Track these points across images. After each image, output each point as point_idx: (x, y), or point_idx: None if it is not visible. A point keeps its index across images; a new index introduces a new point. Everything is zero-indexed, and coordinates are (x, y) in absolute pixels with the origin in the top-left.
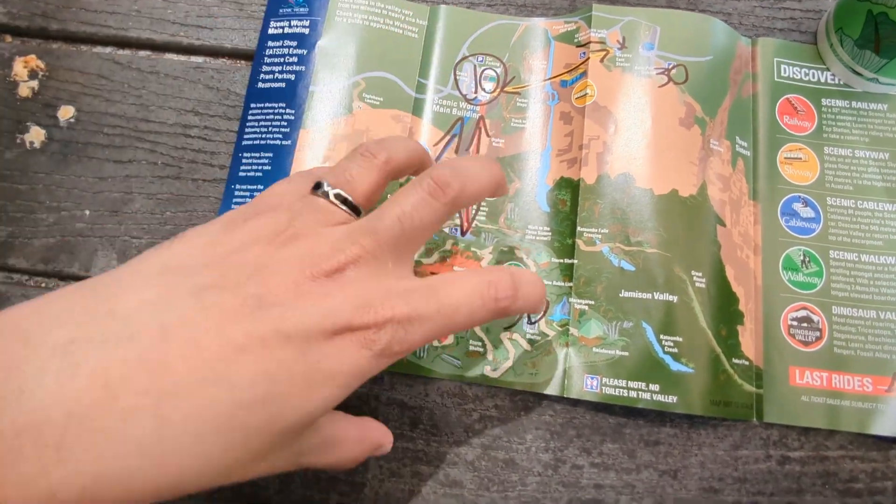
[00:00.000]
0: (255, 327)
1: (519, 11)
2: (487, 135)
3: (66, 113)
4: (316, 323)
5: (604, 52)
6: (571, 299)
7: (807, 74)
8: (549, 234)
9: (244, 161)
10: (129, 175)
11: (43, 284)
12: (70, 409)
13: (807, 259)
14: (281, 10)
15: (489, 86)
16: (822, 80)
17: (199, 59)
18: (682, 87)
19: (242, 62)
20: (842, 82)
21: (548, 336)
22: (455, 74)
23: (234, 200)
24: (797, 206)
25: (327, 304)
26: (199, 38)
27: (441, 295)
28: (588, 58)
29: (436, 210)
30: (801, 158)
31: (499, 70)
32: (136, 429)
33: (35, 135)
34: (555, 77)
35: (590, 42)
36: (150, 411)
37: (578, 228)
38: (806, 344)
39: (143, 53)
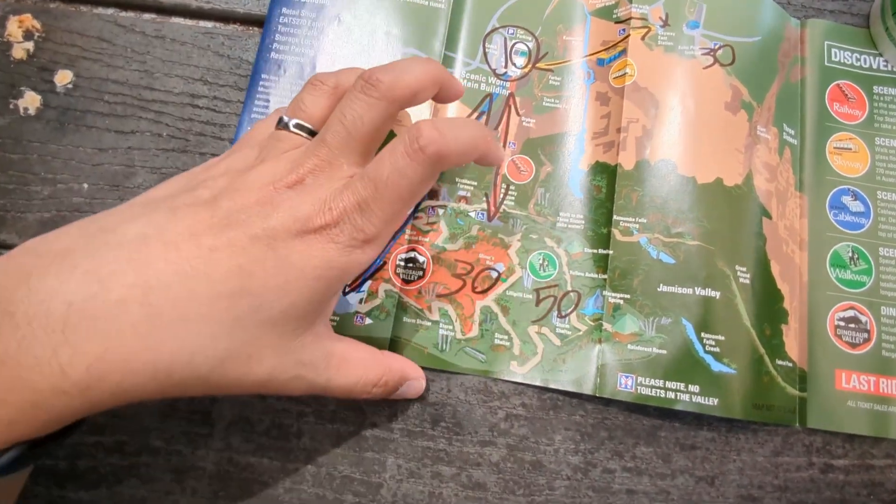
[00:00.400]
0: (225, 232)
1: None
2: (518, 113)
3: (63, 78)
4: (280, 223)
5: (645, 30)
6: (606, 292)
7: (858, 59)
8: (583, 222)
9: None
10: (131, 147)
11: None
12: (70, 300)
13: (855, 256)
14: None
15: (520, 61)
16: (875, 66)
17: (208, 24)
18: (729, 68)
19: (255, 28)
20: (895, 69)
21: (579, 331)
22: (484, 46)
23: None
24: (846, 200)
25: (288, 207)
26: (210, 2)
27: (372, 171)
28: (628, 35)
29: (371, 105)
30: (851, 149)
31: (531, 44)
32: (128, 315)
33: (30, 100)
34: (591, 55)
35: (630, 18)
36: (139, 300)
37: (615, 217)
38: (853, 346)
39: (147, 16)
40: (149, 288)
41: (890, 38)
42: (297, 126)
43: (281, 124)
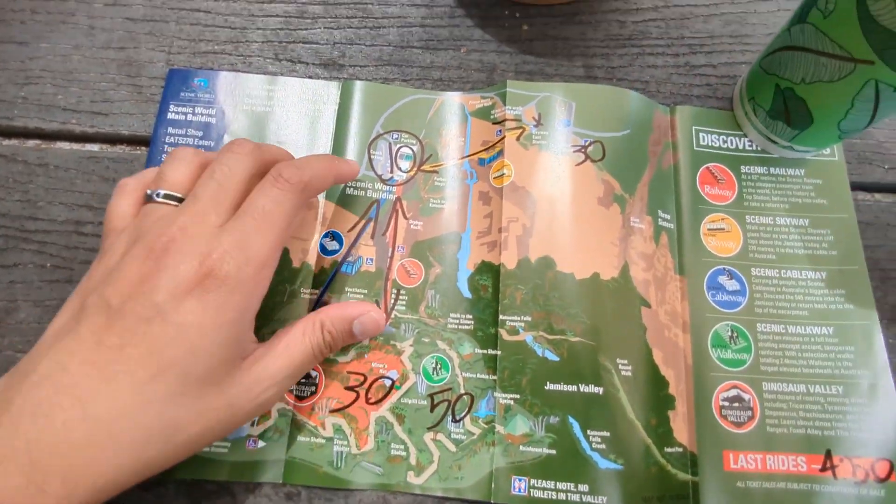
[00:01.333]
0: (122, 326)
1: (436, 86)
2: (405, 217)
3: None
4: (163, 296)
5: (520, 130)
6: (496, 394)
7: (725, 141)
8: (472, 322)
9: None
10: (13, 281)
11: None
12: (27, 437)
13: (735, 334)
14: (182, 94)
15: (405, 164)
16: (741, 146)
17: (93, 148)
18: (600, 164)
19: (143, 148)
20: (759, 148)
21: (473, 435)
22: (369, 153)
23: None
24: (722, 280)
25: (168, 275)
26: (94, 125)
27: (248, 207)
28: (504, 136)
29: (239, 159)
30: (724, 229)
31: (415, 147)
32: (76, 434)
33: None
34: (472, 155)
35: (505, 120)
36: (81, 418)
37: (501, 317)
38: (738, 425)
39: (31, 143)
40: (84, 404)
41: (749, 120)
42: (166, 196)
43: (148, 198)
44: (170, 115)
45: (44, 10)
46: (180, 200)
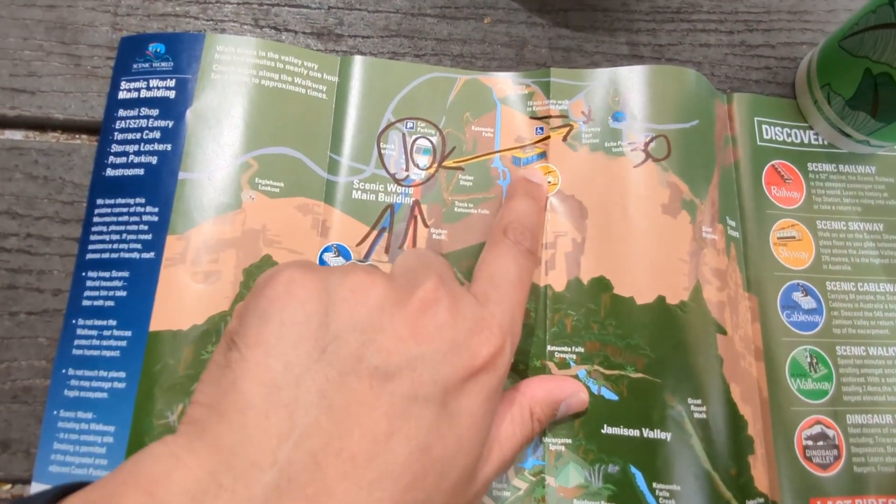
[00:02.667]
0: (392, 405)
1: (455, 63)
2: (425, 224)
3: None
4: (449, 375)
5: (567, 128)
6: (546, 439)
7: (789, 135)
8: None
9: (89, 284)
10: None
11: None
12: None
13: (814, 360)
14: (135, 66)
15: (424, 160)
16: (806, 140)
17: (15, 136)
18: (664, 163)
19: (83, 138)
20: (825, 142)
21: (519, 490)
22: (379, 147)
23: (76, 344)
24: (797, 297)
25: (447, 342)
26: (15, 107)
27: (509, 285)
28: (548, 136)
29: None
30: (795, 237)
31: (435, 139)
32: None
33: None
34: (505, 151)
35: (549, 116)
36: None
37: (549, 347)
38: (824, 468)
39: None
40: None
41: (820, 111)
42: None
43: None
44: (120, 95)
45: None
46: None
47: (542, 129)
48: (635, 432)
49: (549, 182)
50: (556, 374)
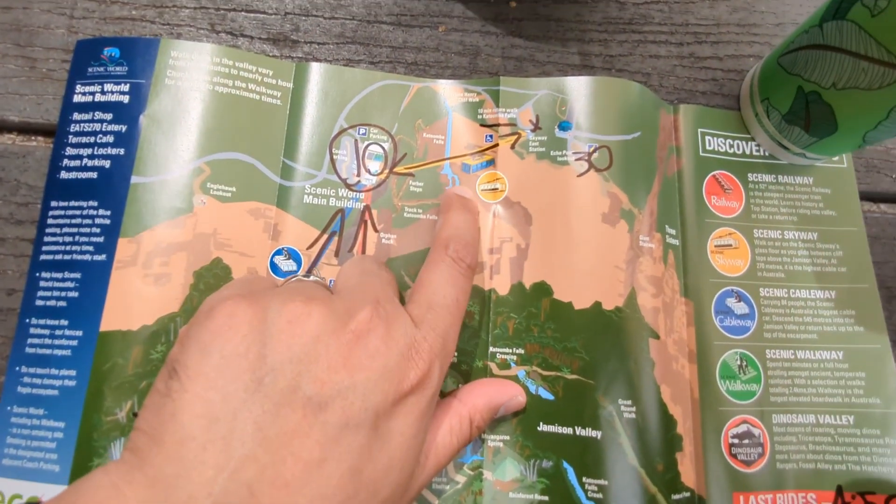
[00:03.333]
0: (324, 433)
1: (409, 70)
2: (375, 229)
3: None
4: (380, 401)
5: (515, 136)
6: (484, 435)
7: (732, 146)
8: (455, 354)
9: (42, 284)
10: None
11: None
12: None
13: (744, 363)
14: (90, 70)
15: (375, 166)
16: (748, 151)
17: None
18: (606, 174)
19: (39, 140)
20: (766, 153)
21: (458, 483)
22: (331, 153)
23: (29, 342)
24: (731, 302)
25: (380, 368)
26: None
27: (441, 307)
28: (497, 143)
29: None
30: (732, 245)
31: (386, 145)
32: None
33: None
34: (455, 158)
35: (498, 124)
36: None
37: (491, 349)
38: (748, 464)
39: None
40: None
41: (760, 123)
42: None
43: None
44: (75, 98)
45: None
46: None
47: (491, 136)
48: (569, 430)
49: (497, 189)
50: (497, 374)
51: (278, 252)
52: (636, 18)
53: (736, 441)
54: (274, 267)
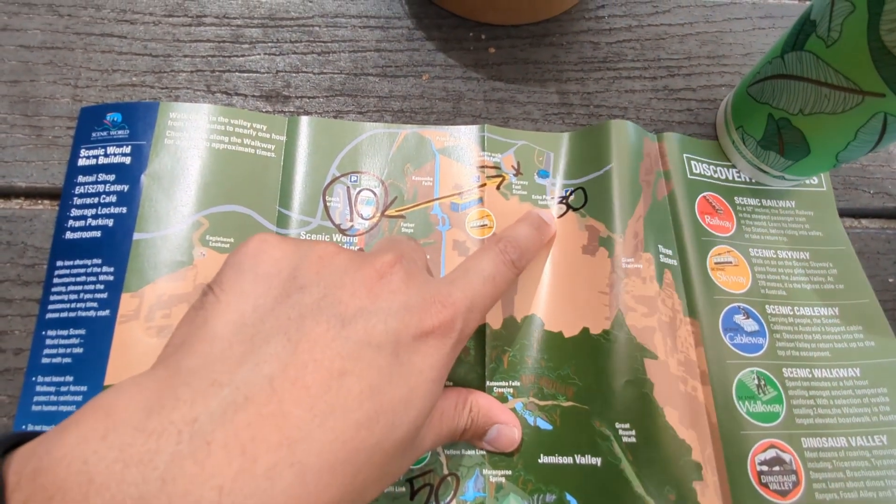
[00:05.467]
0: (346, 347)
1: (396, 118)
2: None
3: None
4: (401, 328)
5: (500, 179)
6: (486, 471)
7: (716, 171)
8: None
9: (48, 342)
10: None
11: None
12: (220, 484)
13: (762, 382)
14: (94, 134)
15: (367, 210)
16: (731, 177)
17: None
18: (582, 211)
19: (45, 203)
20: (749, 179)
21: None
22: (324, 201)
23: (35, 400)
24: (739, 319)
25: (402, 302)
26: None
27: (474, 274)
28: (484, 184)
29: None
30: (731, 262)
31: (377, 190)
32: (281, 483)
33: None
34: (444, 198)
35: (484, 166)
36: (288, 461)
37: (488, 383)
38: (783, 494)
39: None
40: (293, 443)
41: (737, 149)
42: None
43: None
44: (80, 162)
45: None
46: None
47: (478, 177)
48: (569, 459)
49: (486, 225)
50: None
51: None
52: (610, 56)
53: (765, 468)
54: None
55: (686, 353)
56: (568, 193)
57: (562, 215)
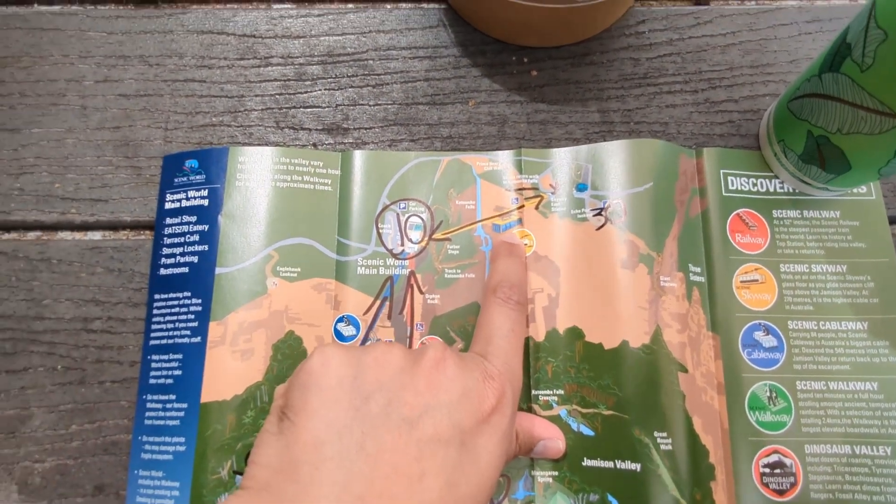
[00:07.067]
0: (419, 449)
1: (445, 144)
2: (420, 291)
3: None
4: (464, 419)
5: (538, 199)
6: (534, 472)
7: (755, 184)
8: None
9: (153, 365)
10: (24, 386)
11: None
12: None
13: (774, 395)
14: (176, 179)
15: (416, 235)
16: (772, 188)
17: (95, 237)
18: (621, 224)
19: (147, 234)
20: (792, 190)
21: None
22: (377, 228)
23: (147, 415)
24: (759, 336)
25: (460, 389)
26: (94, 213)
27: (499, 338)
28: (522, 205)
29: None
30: (758, 280)
31: (424, 215)
32: None
33: None
34: (486, 220)
35: (523, 188)
36: None
37: (533, 392)
38: (780, 493)
39: (31, 236)
40: None
41: (780, 161)
42: None
43: None
44: (166, 206)
45: (33, 92)
46: None
47: (516, 199)
48: (610, 464)
49: (526, 244)
50: (541, 414)
51: (340, 319)
52: (650, 72)
53: (767, 471)
54: (337, 333)
55: (707, 366)
56: (606, 205)
57: (600, 227)
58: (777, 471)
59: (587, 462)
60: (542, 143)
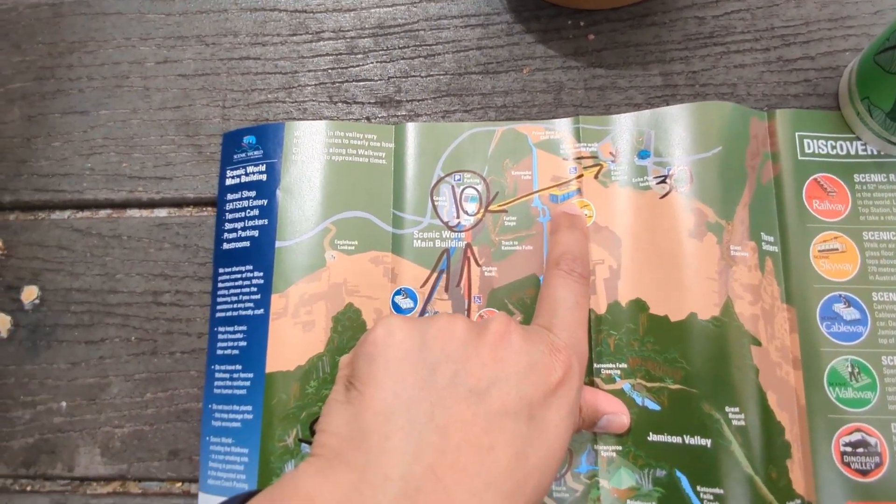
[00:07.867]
0: (488, 422)
1: (499, 113)
2: (478, 264)
3: (29, 294)
4: (532, 392)
5: (597, 168)
6: (597, 446)
7: (834, 147)
8: None
9: (220, 337)
10: (102, 356)
11: (29, 487)
12: None
13: (856, 370)
14: (235, 156)
15: (472, 207)
16: (853, 151)
17: (161, 213)
18: (687, 192)
19: (209, 210)
20: (876, 152)
21: (576, 492)
22: (432, 200)
23: (216, 385)
24: (839, 308)
25: (524, 364)
26: (160, 191)
27: (564, 309)
28: (581, 174)
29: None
30: (838, 249)
31: (480, 187)
32: None
33: (0, 322)
34: (542, 190)
35: (581, 157)
36: None
37: (595, 365)
38: (864, 473)
39: (102, 214)
40: None
41: (863, 121)
42: None
43: None
44: (227, 182)
45: (99, 75)
46: None
47: (575, 168)
48: (678, 439)
49: (586, 214)
50: (603, 388)
51: (398, 292)
52: (717, 31)
53: (849, 449)
54: (395, 305)
55: (782, 340)
56: (671, 172)
57: (665, 195)
58: (860, 450)
59: (653, 437)
60: (601, 109)
